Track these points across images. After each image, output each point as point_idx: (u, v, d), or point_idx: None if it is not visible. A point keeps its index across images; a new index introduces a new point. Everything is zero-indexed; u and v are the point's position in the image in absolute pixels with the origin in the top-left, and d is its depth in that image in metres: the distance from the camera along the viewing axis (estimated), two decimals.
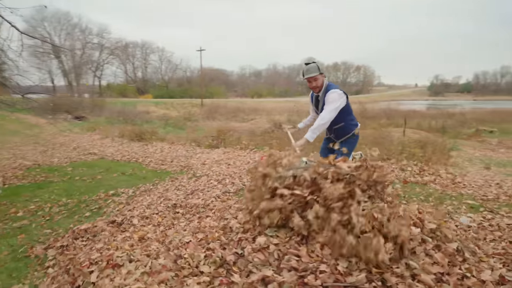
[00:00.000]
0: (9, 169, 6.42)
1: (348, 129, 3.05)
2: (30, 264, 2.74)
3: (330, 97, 2.80)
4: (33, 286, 2.36)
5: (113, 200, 4.44)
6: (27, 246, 3.07)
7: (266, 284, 1.51)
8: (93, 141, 10.64)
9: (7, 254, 2.96)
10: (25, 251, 2.96)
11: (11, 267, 2.71)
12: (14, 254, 2.94)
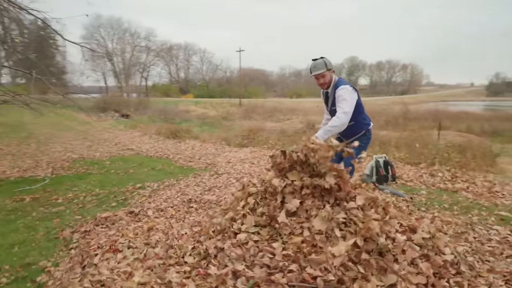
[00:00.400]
0: (59, 161, 7.18)
1: (359, 128, 2.91)
2: (58, 244, 3.09)
3: (340, 95, 2.67)
4: (56, 264, 2.66)
5: (138, 192, 4.78)
6: (59, 229, 3.45)
7: (236, 278, 1.57)
8: (133, 137, 11.44)
9: (43, 234, 3.35)
10: (56, 233, 3.34)
11: (43, 246, 3.08)
12: (47, 235, 3.33)
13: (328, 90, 2.87)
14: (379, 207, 1.89)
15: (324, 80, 2.78)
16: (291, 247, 1.68)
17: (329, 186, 1.83)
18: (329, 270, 1.53)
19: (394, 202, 3.70)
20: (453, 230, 2.91)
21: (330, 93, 2.84)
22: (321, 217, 1.73)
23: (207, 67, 53.00)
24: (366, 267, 1.57)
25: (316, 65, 2.77)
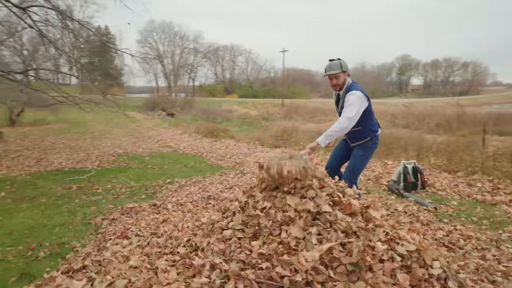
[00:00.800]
0: (106, 155, 7.96)
1: (365, 134, 2.88)
2: (89, 229, 3.50)
3: (349, 99, 2.67)
4: (83, 245, 3.04)
5: (166, 187, 5.15)
6: (93, 215, 3.89)
7: (213, 270, 1.70)
8: (174, 135, 12.16)
9: (80, 219, 3.82)
10: (90, 219, 3.78)
11: (78, 229, 3.52)
12: (83, 220, 3.78)
13: (340, 92, 2.87)
14: (362, 215, 1.87)
15: (337, 82, 2.80)
16: (269, 247, 1.75)
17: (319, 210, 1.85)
18: (298, 271, 1.58)
19: (411, 210, 3.51)
20: (472, 245, 2.70)
21: (342, 96, 2.85)
22: (299, 226, 1.77)
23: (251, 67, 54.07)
24: (337, 272, 1.59)
25: (332, 66, 2.79)
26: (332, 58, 2.86)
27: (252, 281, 1.56)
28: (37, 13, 5.74)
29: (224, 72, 53.33)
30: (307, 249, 1.69)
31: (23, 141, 9.92)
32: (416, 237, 1.90)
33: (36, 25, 5.35)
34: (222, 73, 53.23)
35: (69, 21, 5.96)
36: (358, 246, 1.66)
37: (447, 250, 2.55)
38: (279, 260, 1.64)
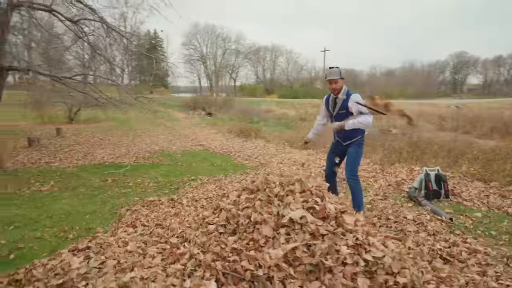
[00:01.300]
0: (143, 152, 8.65)
1: (358, 133, 3.29)
2: (114, 218, 3.93)
3: (359, 101, 3.12)
4: (106, 231, 3.45)
5: (189, 184, 5.51)
6: (120, 206, 4.35)
7: (190, 259, 1.90)
8: (208, 134, 12.71)
9: (108, 208, 4.29)
10: (116, 209, 4.23)
11: (104, 217, 3.98)
12: (111, 210, 4.25)
13: (337, 96, 3.27)
14: (336, 219, 1.93)
15: (336, 86, 3.20)
16: (242, 243, 1.91)
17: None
18: (261, 266, 1.71)
19: (421, 219, 3.38)
20: (476, 260, 2.57)
21: (339, 99, 3.26)
22: (270, 226, 1.90)
23: (292, 67, 53.84)
24: (298, 271, 1.69)
25: (332, 72, 3.20)
26: (332, 66, 3.24)
27: (219, 271, 1.73)
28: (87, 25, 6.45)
29: (264, 72, 53.93)
30: (273, 247, 1.82)
31: (77, 137, 11.13)
32: (391, 245, 1.91)
33: (86, 35, 6.04)
34: (263, 73, 53.87)
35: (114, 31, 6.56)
36: (321, 249, 1.74)
37: (444, 263, 2.47)
38: (246, 255, 1.79)
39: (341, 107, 3.21)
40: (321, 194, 2.13)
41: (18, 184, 5.13)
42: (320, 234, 1.84)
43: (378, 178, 5.48)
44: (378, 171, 5.96)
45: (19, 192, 4.79)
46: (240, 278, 1.70)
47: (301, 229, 1.87)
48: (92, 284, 1.70)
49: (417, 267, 1.89)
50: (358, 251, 1.80)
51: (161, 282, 1.70)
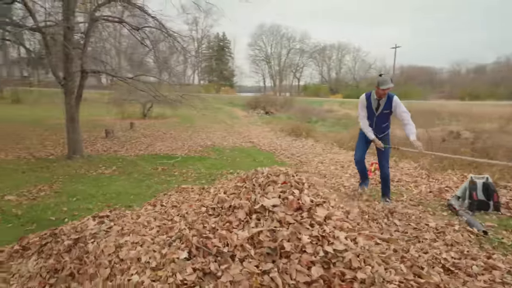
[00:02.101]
0: (196, 146, 9.44)
1: (388, 128, 3.94)
2: (150, 199, 4.51)
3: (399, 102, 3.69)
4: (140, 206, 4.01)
5: (226, 176, 5.90)
6: (160, 191, 4.94)
7: (176, 233, 2.20)
8: (260, 132, 13.10)
9: (151, 192, 4.92)
10: (156, 193, 4.83)
11: (145, 199, 4.56)
12: (152, 193, 4.86)
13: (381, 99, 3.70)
14: (308, 211, 2.01)
15: (385, 92, 3.60)
16: (219, 223, 2.13)
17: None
18: (228, 245, 1.91)
19: (443, 228, 3.11)
20: (489, 277, 2.31)
21: (382, 100, 3.69)
22: (244, 211, 2.08)
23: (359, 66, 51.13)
24: (257, 253, 1.84)
25: (386, 81, 3.53)
26: (381, 73, 3.68)
27: (194, 244, 1.98)
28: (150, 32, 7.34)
29: (330, 72, 52.41)
30: (243, 229, 1.99)
31: (145, 130, 12.64)
32: (361, 242, 1.91)
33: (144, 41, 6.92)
34: (328, 72, 52.45)
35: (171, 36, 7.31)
36: (283, 235, 1.86)
37: (446, 273, 2.29)
38: (218, 234, 2.00)
39: (385, 107, 3.68)
40: (301, 187, 2.21)
41: (88, 167, 6.19)
42: (287, 222, 1.95)
43: (420, 184, 5.08)
44: (423, 176, 5.50)
45: (87, 173, 5.79)
46: (208, 252, 1.92)
47: (270, 216, 2.01)
48: (98, 241, 2.13)
49: (387, 267, 1.85)
50: (321, 242, 1.86)
51: (145, 246, 2.03)
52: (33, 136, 9.73)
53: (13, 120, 12.68)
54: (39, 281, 2.03)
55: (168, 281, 1.71)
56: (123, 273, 1.85)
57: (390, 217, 3.49)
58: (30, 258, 2.25)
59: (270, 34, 48.60)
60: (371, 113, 3.77)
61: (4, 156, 6.77)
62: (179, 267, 1.82)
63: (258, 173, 2.44)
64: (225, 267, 1.78)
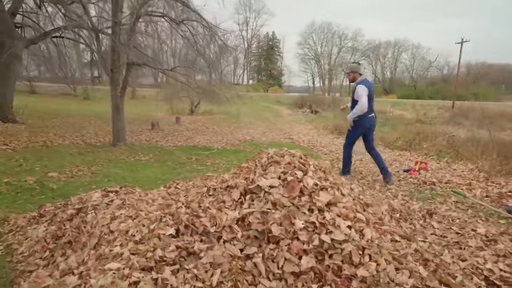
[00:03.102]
0: (234, 140, 9.46)
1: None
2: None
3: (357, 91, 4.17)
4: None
5: None
6: (188, 179, 4.97)
7: (172, 210, 2.10)
8: (303, 130, 12.72)
9: (179, 179, 4.98)
10: (185, 179, 4.87)
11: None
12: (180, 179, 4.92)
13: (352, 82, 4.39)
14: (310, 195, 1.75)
15: (349, 77, 4.40)
16: (214, 203, 1.97)
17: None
18: (216, 225, 1.75)
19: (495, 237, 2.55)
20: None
21: (353, 87, 4.32)
22: (239, 191, 1.90)
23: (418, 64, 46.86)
24: (244, 235, 1.65)
25: (347, 66, 4.47)
26: (354, 62, 4.56)
27: (183, 222, 1.86)
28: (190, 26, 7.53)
29: (384, 71, 49.03)
30: (235, 210, 1.81)
31: (190, 125, 13.10)
32: (368, 234, 1.60)
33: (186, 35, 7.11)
34: (382, 71, 49.13)
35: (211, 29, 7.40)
36: (274, 218, 1.63)
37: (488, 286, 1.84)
38: (209, 213, 1.85)
39: (354, 93, 4.26)
40: (305, 169, 1.96)
41: (128, 154, 6.54)
42: (282, 204, 1.72)
43: (475, 187, 4.36)
44: (480, 180, 4.73)
45: (126, 159, 6.11)
46: (195, 231, 1.78)
47: (264, 197, 1.80)
48: (96, 213, 2.13)
49: (400, 267, 1.51)
50: (319, 230, 1.60)
51: (137, 221, 1.97)
52: (90, 126, 10.68)
53: (80, 114, 14.12)
54: (42, 245, 2.09)
55: (146, 256, 1.61)
56: (109, 243, 1.81)
57: (428, 218, 3.01)
58: (42, 225, 2.35)
59: (320, 32, 47.17)
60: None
61: (62, 141, 7.49)
62: (163, 243, 1.71)
63: (263, 153, 2.24)
64: (208, 247, 1.62)
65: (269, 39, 44.63)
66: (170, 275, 1.52)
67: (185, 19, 7.19)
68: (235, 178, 2.10)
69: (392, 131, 14.54)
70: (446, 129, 15.27)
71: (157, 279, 1.48)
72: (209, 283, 1.45)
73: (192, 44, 7.31)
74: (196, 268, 1.55)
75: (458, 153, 6.71)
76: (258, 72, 43.38)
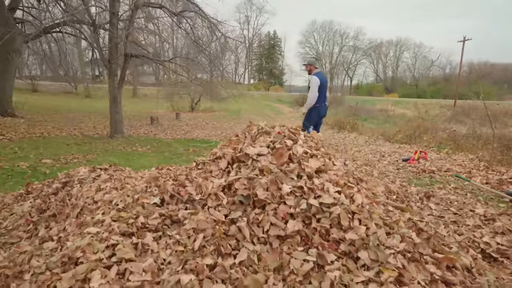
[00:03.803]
0: (232, 133, 9.40)
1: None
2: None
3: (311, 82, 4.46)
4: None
5: None
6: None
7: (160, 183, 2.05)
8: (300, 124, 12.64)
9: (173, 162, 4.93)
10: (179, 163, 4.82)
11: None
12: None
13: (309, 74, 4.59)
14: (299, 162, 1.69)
15: (306, 69, 4.67)
16: (201, 173, 1.92)
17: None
18: (202, 193, 1.69)
19: (492, 215, 2.48)
20: None
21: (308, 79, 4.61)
22: (226, 160, 1.84)
23: (420, 63, 46.52)
24: (230, 201, 1.59)
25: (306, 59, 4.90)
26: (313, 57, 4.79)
27: (168, 192, 1.80)
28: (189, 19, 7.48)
29: (385, 70, 48.76)
30: (222, 178, 1.75)
31: (189, 121, 13.05)
32: (362, 200, 1.53)
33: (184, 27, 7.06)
34: (383, 70, 48.88)
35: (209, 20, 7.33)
36: (260, 183, 1.57)
37: (489, 262, 1.77)
38: (195, 182, 1.80)
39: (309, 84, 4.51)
40: (295, 138, 1.89)
41: (126, 145, 6.50)
42: (270, 171, 1.66)
43: (475, 175, 4.28)
44: (480, 168, 4.64)
45: (123, 150, 6.07)
46: (180, 200, 1.72)
47: (252, 165, 1.73)
48: (82, 186, 2.08)
49: (391, 232, 1.45)
50: (307, 195, 1.53)
51: (122, 191, 1.91)
52: (89, 121, 10.66)
53: (81, 110, 14.11)
54: (26, 218, 2.04)
55: (128, 222, 1.55)
56: (91, 213, 1.75)
57: (426, 200, 2.94)
58: (28, 201, 2.30)
59: (322, 30, 46.89)
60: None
61: (59, 132, 7.46)
62: (147, 211, 1.65)
63: (253, 125, 2.18)
64: (191, 213, 1.56)
65: (270, 38, 44.53)
66: (151, 241, 1.46)
67: (183, 11, 7.14)
68: (223, 149, 2.04)
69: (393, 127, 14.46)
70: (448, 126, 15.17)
71: (137, 243, 1.43)
72: (191, 247, 1.39)
73: (191, 37, 7.25)
74: (178, 234, 1.49)
75: (459, 145, 6.62)
76: (259, 71, 43.27)
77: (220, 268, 1.26)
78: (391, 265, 1.27)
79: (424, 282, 1.26)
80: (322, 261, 1.30)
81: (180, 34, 12.60)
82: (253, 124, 2.22)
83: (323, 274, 1.24)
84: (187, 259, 1.32)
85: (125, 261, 1.29)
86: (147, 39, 9.23)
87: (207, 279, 1.22)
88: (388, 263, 1.28)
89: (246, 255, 1.33)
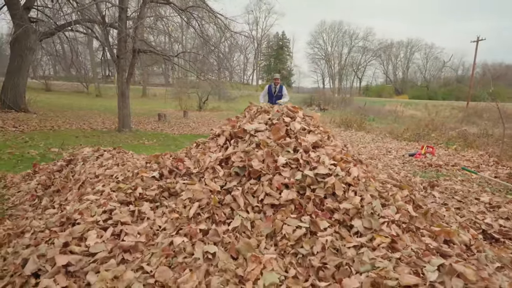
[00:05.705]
0: None
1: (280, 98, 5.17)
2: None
3: (285, 90, 5.35)
4: None
5: None
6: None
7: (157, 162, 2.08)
8: None
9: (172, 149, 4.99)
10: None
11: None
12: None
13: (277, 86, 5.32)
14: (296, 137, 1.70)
15: (276, 82, 5.34)
16: (200, 151, 1.94)
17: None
18: (199, 166, 1.71)
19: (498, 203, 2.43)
20: None
21: (278, 88, 5.30)
22: (224, 136, 1.87)
23: (431, 65, 45.66)
24: (226, 173, 1.60)
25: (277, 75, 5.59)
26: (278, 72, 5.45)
27: (167, 167, 1.83)
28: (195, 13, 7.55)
29: (396, 71, 48.05)
30: (219, 153, 1.77)
31: (196, 118, 13.16)
32: (358, 173, 1.53)
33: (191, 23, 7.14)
34: (393, 71, 48.19)
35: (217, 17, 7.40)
36: (256, 155, 1.59)
37: (490, 243, 1.74)
38: (194, 158, 1.82)
39: (278, 92, 5.28)
40: (293, 115, 1.90)
41: (133, 138, 6.60)
42: (266, 144, 1.67)
43: (484, 170, 4.19)
44: (490, 164, 4.55)
45: (130, 143, 6.16)
46: (178, 174, 1.75)
47: (249, 140, 1.75)
48: (85, 163, 2.13)
49: (386, 203, 1.44)
50: (302, 167, 1.54)
51: (123, 167, 1.95)
52: (99, 117, 10.86)
53: (91, 108, 14.39)
54: (32, 194, 2.10)
55: (126, 192, 1.58)
56: (92, 185, 1.79)
57: (430, 189, 2.90)
58: (34, 179, 2.37)
59: (331, 31, 46.44)
60: (270, 95, 5.30)
61: (69, 126, 7.63)
62: (145, 184, 1.69)
63: (253, 105, 2.19)
64: (187, 184, 1.59)
65: (278, 39, 44.44)
66: (148, 210, 1.49)
67: (190, 6, 7.22)
68: (222, 127, 2.06)
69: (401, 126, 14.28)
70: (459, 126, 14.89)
71: (134, 211, 1.45)
72: (185, 215, 1.42)
73: (199, 34, 7.33)
74: (175, 204, 1.52)
75: (468, 142, 6.50)
76: (267, 72, 43.15)
77: (213, 232, 1.28)
78: (384, 233, 1.27)
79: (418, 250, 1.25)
80: (315, 228, 1.30)
81: (189, 35, 12.71)
82: (253, 104, 2.23)
83: (315, 239, 1.24)
84: (181, 225, 1.34)
85: (120, 223, 1.31)
86: (157, 39, 9.36)
87: (199, 241, 1.23)
88: (382, 230, 1.27)
89: (239, 222, 1.34)
